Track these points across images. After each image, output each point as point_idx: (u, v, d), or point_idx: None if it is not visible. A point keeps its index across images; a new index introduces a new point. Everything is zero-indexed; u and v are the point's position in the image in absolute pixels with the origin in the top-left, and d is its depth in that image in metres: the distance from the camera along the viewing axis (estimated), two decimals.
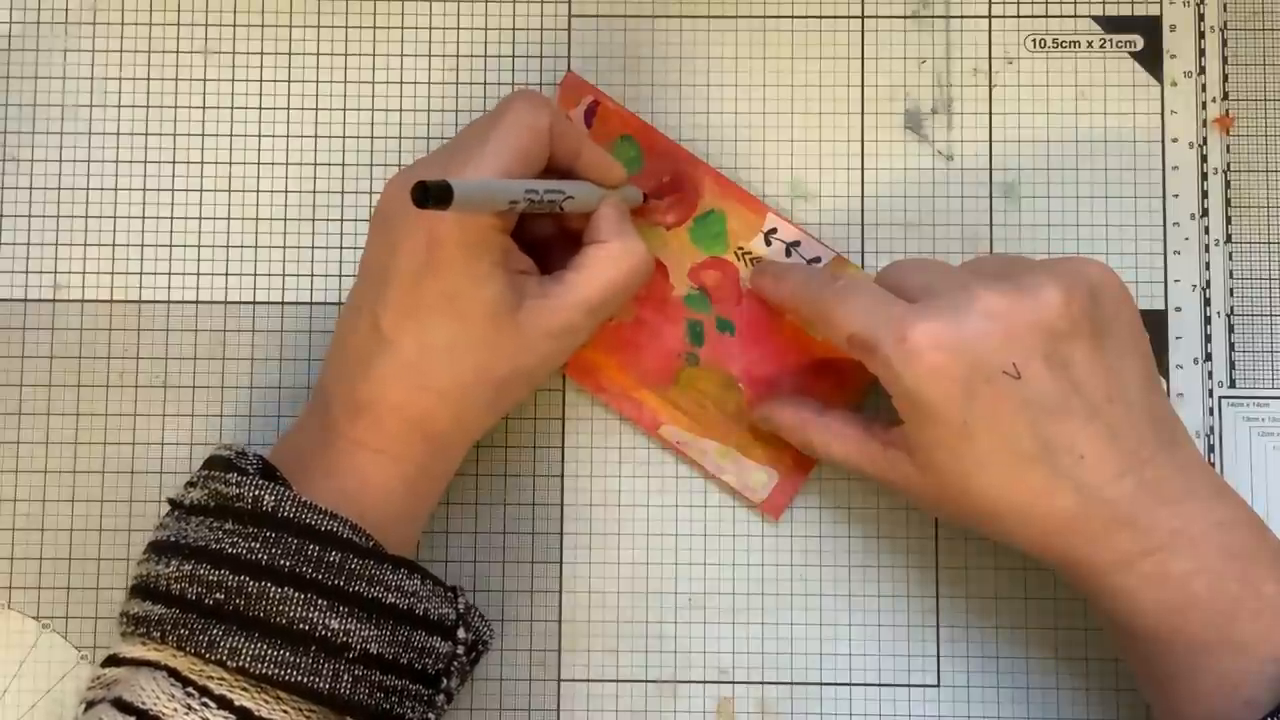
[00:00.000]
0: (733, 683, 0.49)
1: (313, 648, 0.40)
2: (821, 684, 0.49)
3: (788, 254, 0.49)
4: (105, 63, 0.51)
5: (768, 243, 0.49)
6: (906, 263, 0.45)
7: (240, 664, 0.40)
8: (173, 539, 0.42)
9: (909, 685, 0.49)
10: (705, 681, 0.49)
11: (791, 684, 0.49)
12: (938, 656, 0.49)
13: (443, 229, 0.41)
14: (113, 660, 0.42)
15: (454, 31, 0.51)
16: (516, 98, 0.44)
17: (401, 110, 0.51)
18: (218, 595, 0.40)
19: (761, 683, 0.49)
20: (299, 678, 0.40)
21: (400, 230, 0.43)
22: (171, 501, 0.43)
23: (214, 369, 0.50)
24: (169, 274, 0.51)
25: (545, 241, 0.47)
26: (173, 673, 0.40)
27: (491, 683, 0.49)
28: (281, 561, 0.41)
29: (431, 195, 0.37)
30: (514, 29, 0.51)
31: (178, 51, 0.51)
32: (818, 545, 0.49)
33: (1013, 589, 0.49)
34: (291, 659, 0.40)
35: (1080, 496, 0.40)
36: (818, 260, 0.49)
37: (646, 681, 0.49)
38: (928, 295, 0.42)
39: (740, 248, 0.50)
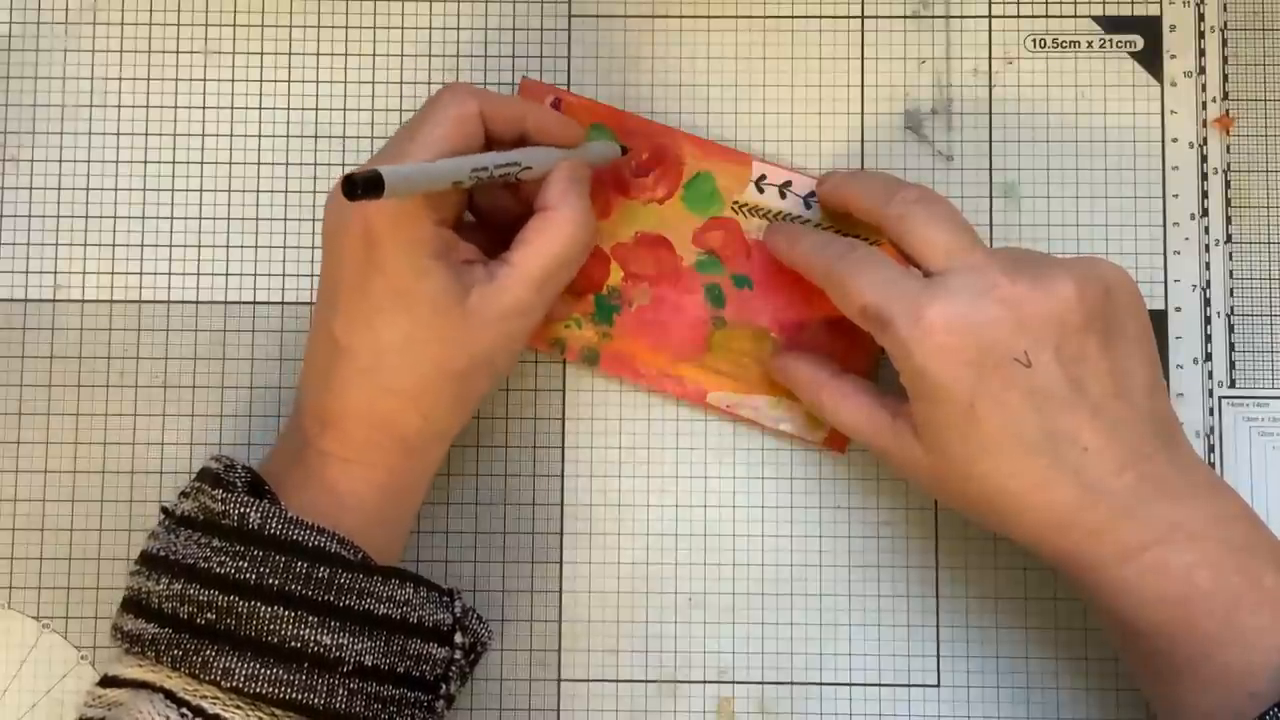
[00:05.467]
0: (733, 682, 0.49)
1: (305, 664, 0.40)
2: (821, 684, 0.49)
3: (781, 196, 0.49)
4: (105, 63, 0.51)
5: (760, 190, 0.49)
6: (928, 204, 0.44)
7: (234, 684, 0.40)
8: (163, 553, 0.42)
9: (909, 685, 0.49)
10: (705, 681, 0.49)
11: (791, 684, 0.49)
12: (938, 656, 0.49)
13: (378, 227, 0.41)
14: (111, 681, 0.42)
15: (454, 31, 0.51)
16: (441, 91, 0.44)
17: (401, 110, 0.51)
18: (209, 615, 0.40)
19: (761, 683, 0.49)
20: (293, 694, 0.40)
21: (339, 237, 0.42)
22: (164, 510, 0.43)
23: (214, 369, 0.50)
24: (169, 274, 0.51)
25: (515, 220, 0.46)
26: (169, 694, 0.40)
27: (491, 683, 0.49)
28: (270, 580, 0.41)
29: (360, 185, 0.37)
30: (514, 29, 0.51)
31: (178, 51, 0.51)
32: (818, 545, 0.49)
33: (1013, 589, 0.49)
34: (285, 676, 0.40)
35: (1080, 489, 0.41)
36: (812, 195, 0.49)
37: (646, 681, 0.49)
38: (945, 271, 0.42)
39: (736, 201, 0.50)
